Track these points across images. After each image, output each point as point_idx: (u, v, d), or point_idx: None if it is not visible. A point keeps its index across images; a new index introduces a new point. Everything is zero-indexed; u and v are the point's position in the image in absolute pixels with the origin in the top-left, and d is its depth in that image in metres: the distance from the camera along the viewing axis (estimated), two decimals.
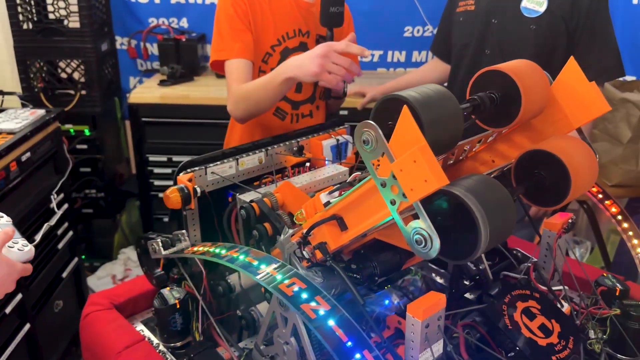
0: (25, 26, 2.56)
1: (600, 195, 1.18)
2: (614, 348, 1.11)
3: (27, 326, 1.84)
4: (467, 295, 1.11)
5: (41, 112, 2.04)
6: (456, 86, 1.97)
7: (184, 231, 1.08)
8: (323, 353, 0.96)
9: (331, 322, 0.74)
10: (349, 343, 0.73)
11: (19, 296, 1.79)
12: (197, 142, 2.50)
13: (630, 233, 1.16)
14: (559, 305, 1.06)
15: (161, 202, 2.57)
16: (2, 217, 1.07)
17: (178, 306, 1.14)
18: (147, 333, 1.19)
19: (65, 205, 2.11)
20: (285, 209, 1.11)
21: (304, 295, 0.77)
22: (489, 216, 0.72)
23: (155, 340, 1.16)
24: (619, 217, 1.16)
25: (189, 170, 1.21)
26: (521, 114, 0.88)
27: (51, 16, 2.59)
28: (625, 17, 2.42)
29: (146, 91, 2.55)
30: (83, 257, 2.44)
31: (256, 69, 1.69)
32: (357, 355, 0.72)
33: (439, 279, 1.18)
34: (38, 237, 1.85)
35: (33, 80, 2.59)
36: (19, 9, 2.51)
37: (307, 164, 1.35)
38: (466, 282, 1.13)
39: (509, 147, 1.02)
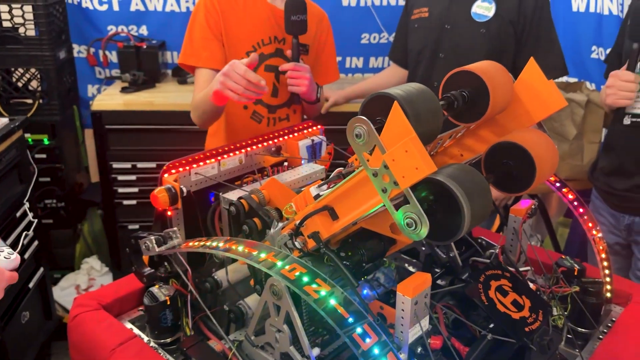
0: None
1: (557, 184, 1.29)
2: (574, 322, 1.23)
3: None
4: (439, 281, 1.20)
5: (4, 120, 2.01)
6: None
7: (175, 228, 1.12)
8: (315, 334, 1.03)
9: (332, 301, 0.80)
10: (350, 319, 0.79)
11: None
12: (162, 148, 2.51)
13: (585, 217, 1.27)
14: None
15: (125, 210, 2.59)
16: None
17: (168, 302, 1.17)
18: (136, 331, 1.21)
19: (31, 215, 2.08)
20: (272, 204, 1.16)
21: (305, 279, 0.83)
22: (470, 199, 0.80)
23: (146, 338, 1.18)
24: (575, 203, 1.27)
25: (173, 171, 1.24)
26: (489, 110, 0.97)
27: (6, 24, 2.54)
28: (566, 24, 2.60)
29: (109, 98, 2.54)
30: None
31: None
32: (359, 329, 0.78)
33: (411, 268, 1.26)
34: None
35: None
36: None
37: (285, 164, 1.41)
38: (437, 270, 1.22)
39: (476, 142, 1.11)
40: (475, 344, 1.01)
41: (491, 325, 1.04)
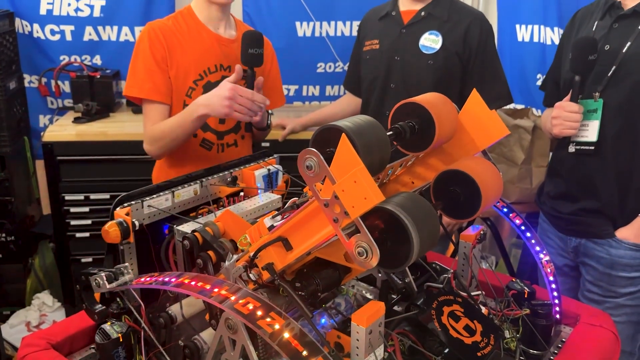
0: None
1: (505, 209, 1.33)
2: (526, 344, 1.25)
3: None
4: (395, 307, 1.21)
5: None
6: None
7: (127, 264, 1.10)
8: None
9: (287, 335, 0.80)
10: (305, 352, 0.79)
11: None
12: (115, 178, 2.46)
13: (533, 241, 1.32)
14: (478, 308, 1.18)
15: (78, 243, 2.53)
16: None
17: (121, 340, 1.14)
18: None
19: None
20: (227, 236, 1.16)
21: (259, 313, 0.83)
22: (418, 227, 0.82)
23: None
24: (523, 228, 1.31)
25: (125, 204, 1.23)
26: (435, 140, 1.00)
27: None
28: (513, 53, 2.72)
29: (61, 129, 2.49)
30: None
31: (180, 102, 1.77)
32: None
33: (369, 295, 1.27)
34: None
35: None
36: None
37: (241, 194, 1.41)
38: (394, 296, 1.23)
39: (425, 169, 1.14)
40: None
41: (446, 351, 1.06)
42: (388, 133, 0.97)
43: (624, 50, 1.55)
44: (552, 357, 1.23)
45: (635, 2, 1.58)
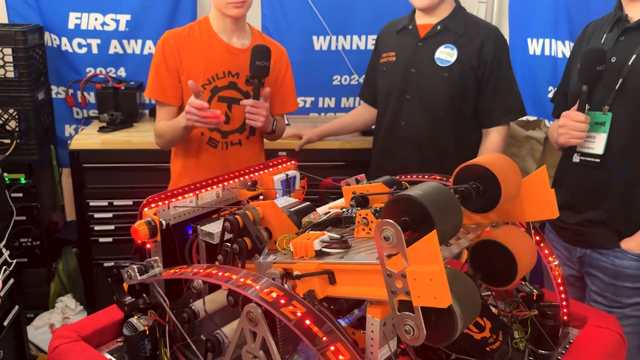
0: None
1: None
2: (535, 344, 1.30)
3: None
4: None
5: None
6: (382, 127, 2.19)
7: (156, 258, 1.17)
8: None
9: (308, 321, 0.86)
10: (324, 338, 0.85)
11: None
12: (138, 185, 2.56)
13: (542, 245, 1.36)
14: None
15: (101, 247, 2.61)
16: None
17: (147, 332, 1.21)
18: None
19: (7, 253, 2.09)
20: (263, 224, 1.19)
21: (283, 301, 0.89)
22: (464, 313, 0.85)
23: None
24: (532, 232, 1.36)
25: (153, 205, 1.30)
26: (501, 203, 1.05)
27: None
28: (525, 66, 2.78)
29: (87, 138, 2.60)
30: None
31: None
32: (332, 347, 0.84)
33: None
34: None
35: None
36: None
37: (261, 197, 1.47)
38: None
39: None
40: None
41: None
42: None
43: (629, 63, 1.59)
44: (559, 357, 1.27)
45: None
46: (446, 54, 2.01)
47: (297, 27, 3.08)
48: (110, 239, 2.60)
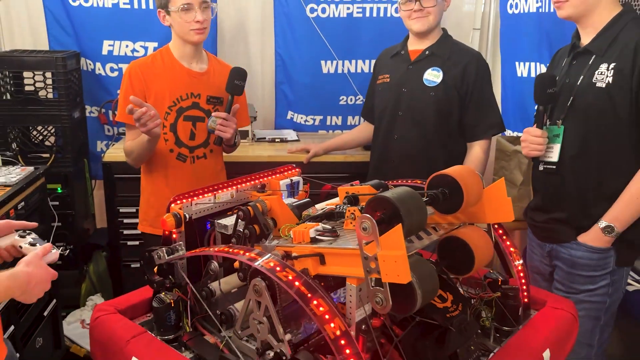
0: (4, 97, 2.87)
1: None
2: (499, 322, 1.52)
3: (17, 355, 2.07)
4: None
5: (30, 168, 2.35)
6: (378, 140, 2.46)
7: (180, 242, 1.43)
8: (287, 326, 1.31)
9: (297, 283, 1.12)
10: (309, 295, 1.10)
11: (12, 328, 2.03)
12: None
13: (504, 237, 1.59)
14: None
15: (129, 250, 2.89)
16: (30, 234, 1.41)
17: (172, 305, 1.47)
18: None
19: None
20: (269, 214, 1.44)
21: (278, 268, 1.15)
22: (423, 286, 1.08)
23: (152, 335, 1.47)
24: (496, 226, 1.58)
25: (179, 202, 1.57)
26: (463, 206, 1.28)
27: (29, 88, 2.90)
28: (514, 87, 3.02)
29: (118, 152, 2.89)
30: None
31: (160, 125, 2.18)
32: (314, 302, 1.09)
33: None
34: None
35: (12, 143, 2.88)
36: (2, 83, 2.84)
37: None
38: None
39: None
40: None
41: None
42: (425, 199, 1.25)
43: (578, 83, 1.82)
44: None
45: (587, 42, 1.84)
46: (433, 76, 2.28)
47: (306, 53, 3.32)
48: (137, 242, 2.87)
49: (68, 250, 1.52)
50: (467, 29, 3.34)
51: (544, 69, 2.68)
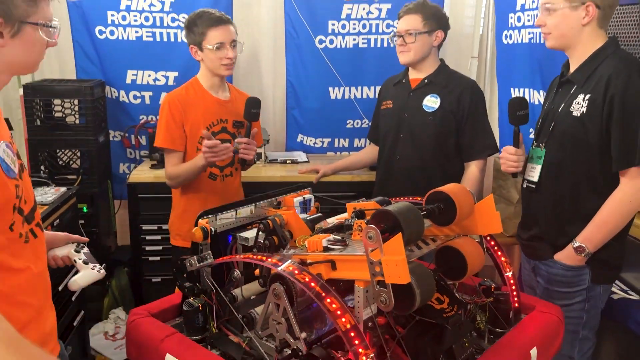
0: (35, 123, 3.09)
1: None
2: (492, 325, 1.69)
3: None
4: None
5: (63, 189, 2.56)
6: (382, 161, 2.67)
7: (209, 252, 1.62)
8: (303, 327, 1.48)
9: (313, 284, 1.30)
10: (324, 294, 1.28)
11: None
12: None
13: (496, 248, 1.76)
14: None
15: (151, 265, 3.08)
16: (83, 247, 1.60)
17: (200, 308, 1.65)
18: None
19: None
20: (286, 228, 1.61)
21: (297, 272, 1.33)
22: (421, 288, 1.26)
23: (183, 335, 1.65)
24: (488, 238, 1.75)
25: (205, 217, 1.75)
26: (456, 220, 1.46)
27: (58, 114, 3.13)
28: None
29: (141, 173, 3.11)
30: None
31: (194, 148, 2.44)
32: (328, 300, 1.27)
33: None
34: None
35: (41, 165, 3.10)
36: (33, 110, 3.06)
37: None
38: None
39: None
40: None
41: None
42: (422, 212, 1.39)
43: (559, 110, 1.98)
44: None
45: (570, 73, 2.00)
46: (431, 102, 2.49)
47: (315, 80, 3.53)
48: (158, 258, 3.07)
49: (104, 265, 1.69)
50: (465, 58, 3.56)
51: (536, 95, 2.89)
